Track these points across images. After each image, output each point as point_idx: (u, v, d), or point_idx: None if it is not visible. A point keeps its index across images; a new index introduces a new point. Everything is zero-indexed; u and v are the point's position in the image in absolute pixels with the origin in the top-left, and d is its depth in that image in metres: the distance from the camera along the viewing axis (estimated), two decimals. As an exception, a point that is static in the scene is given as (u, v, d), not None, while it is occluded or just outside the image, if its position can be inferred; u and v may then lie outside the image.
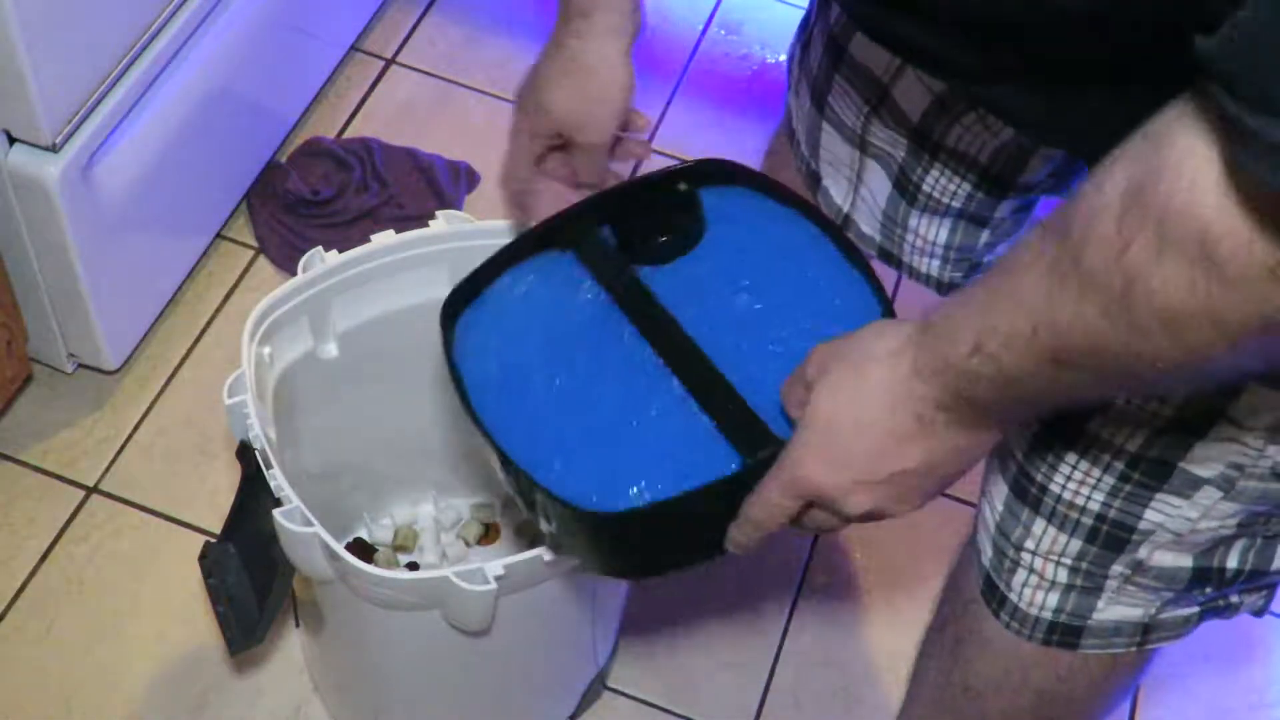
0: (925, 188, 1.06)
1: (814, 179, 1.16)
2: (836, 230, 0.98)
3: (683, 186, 1.02)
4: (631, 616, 1.46)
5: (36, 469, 1.49)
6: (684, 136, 1.88)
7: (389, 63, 1.90)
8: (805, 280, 0.96)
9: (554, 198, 1.05)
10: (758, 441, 0.86)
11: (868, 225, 1.14)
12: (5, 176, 1.31)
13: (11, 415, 1.52)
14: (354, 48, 1.89)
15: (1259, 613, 0.99)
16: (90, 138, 1.32)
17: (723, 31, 2.02)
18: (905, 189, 1.08)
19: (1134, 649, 0.98)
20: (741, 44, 2.02)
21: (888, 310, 0.93)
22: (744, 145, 1.86)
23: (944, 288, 1.15)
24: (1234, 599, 0.96)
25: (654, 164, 1.05)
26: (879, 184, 1.10)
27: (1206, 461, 0.84)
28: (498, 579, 1.00)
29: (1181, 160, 0.58)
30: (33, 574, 1.43)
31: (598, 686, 1.39)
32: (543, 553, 1.01)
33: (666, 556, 0.96)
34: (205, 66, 1.48)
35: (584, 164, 1.06)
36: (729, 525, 0.86)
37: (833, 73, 1.07)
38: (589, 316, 0.98)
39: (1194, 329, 0.61)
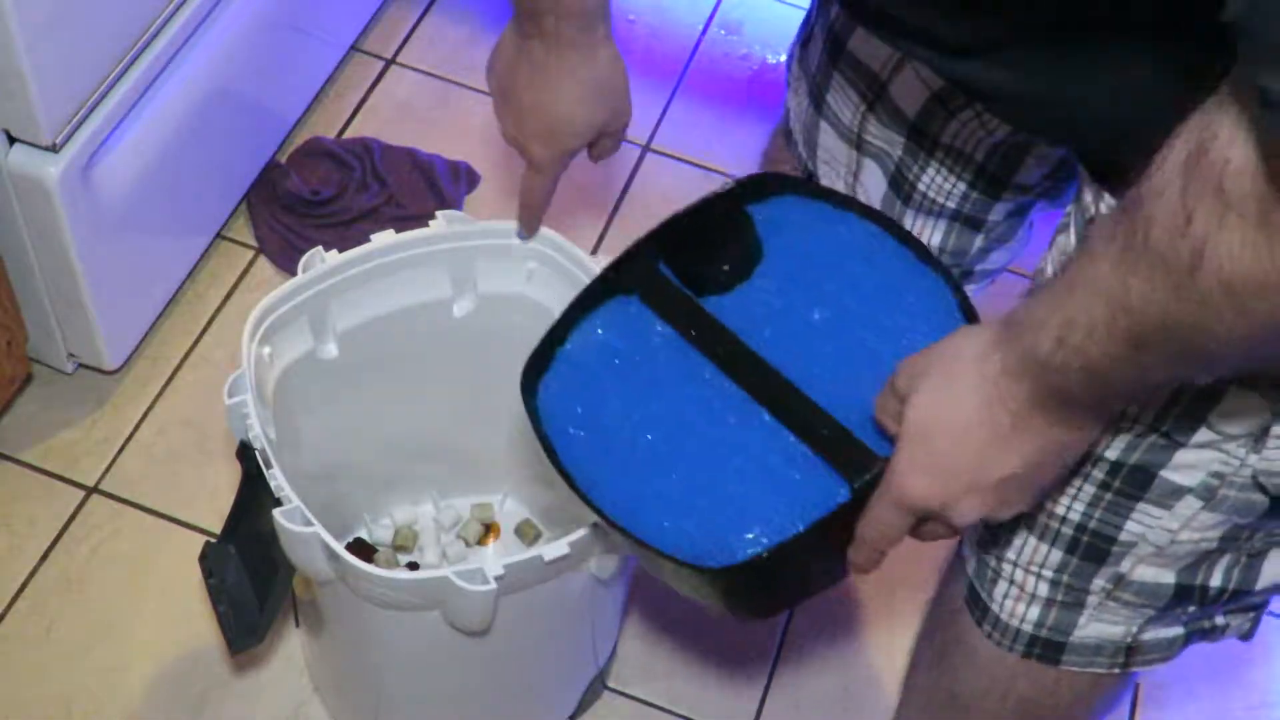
0: (921, 187, 1.06)
1: (811, 179, 1.16)
2: (893, 224, 0.96)
3: (729, 209, 1.01)
4: (631, 616, 1.46)
5: (36, 469, 1.49)
6: (684, 136, 1.88)
7: (389, 63, 1.90)
8: (873, 281, 0.95)
9: None
10: (861, 463, 0.85)
11: None
12: (5, 176, 1.31)
13: (11, 415, 1.52)
14: (354, 48, 1.89)
15: (1245, 636, 0.97)
16: (90, 138, 1.32)
17: (723, 31, 2.02)
18: (901, 188, 1.08)
19: (1118, 671, 0.96)
20: (741, 44, 2.02)
21: (962, 297, 0.92)
22: (744, 145, 1.86)
23: None
24: (1219, 620, 0.95)
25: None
26: (875, 184, 1.10)
27: (1188, 469, 0.83)
28: (497, 579, 1.00)
29: (1235, 126, 0.59)
30: (33, 574, 1.43)
31: (598, 686, 1.39)
32: (543, 553, 1.01)
33: (793, 592, 0.95)
34: (205, 66, 1.48)
35: (607, 150, 1.11)
36: (849, 549, 0.85)
37: (831, 70, 1.07)
38: (665, 361, 0.96)
39: (1260, 299, 0.61)
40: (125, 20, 1.33)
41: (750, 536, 0.86)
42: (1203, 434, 0.81)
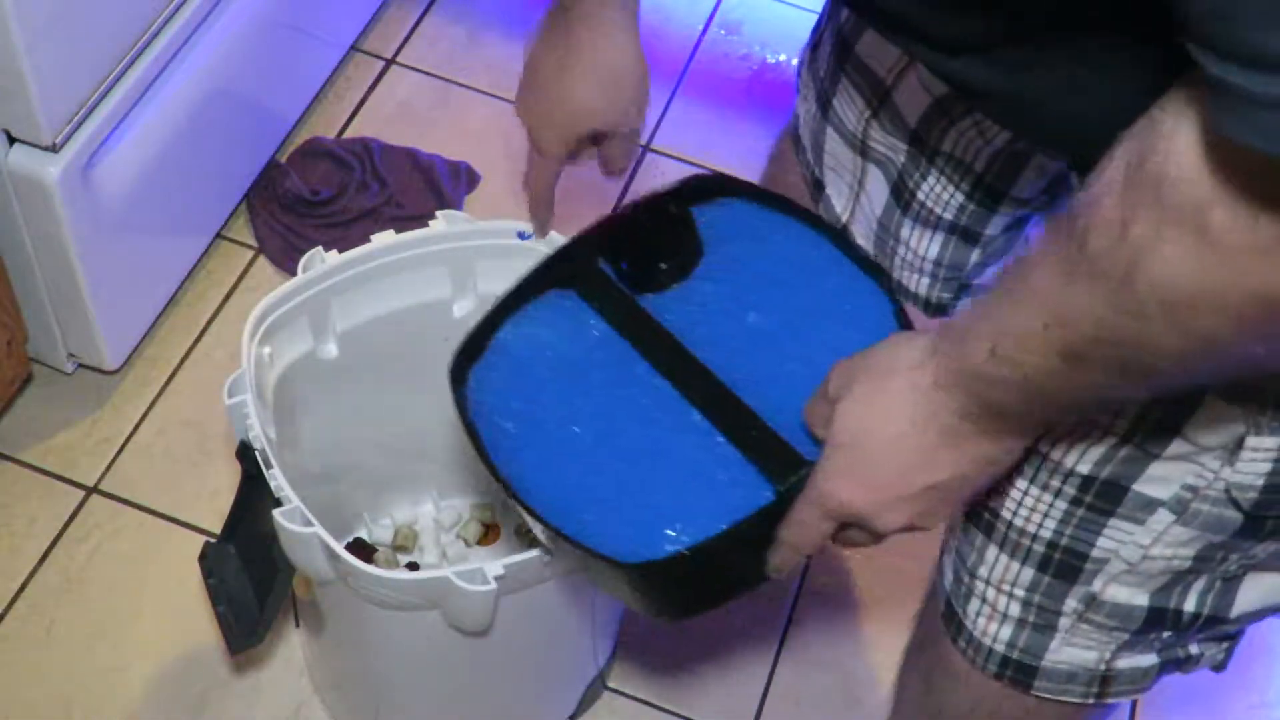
0: (920, 195, 1.06)
1: (818, 186, 1.15)
2: (836, 232, 0.98)
3: (672, 208, 1.01)
4: (632, 616, 1.46)
5: (36, 469, 1.49)
6: (684, 136, 1.88)
7: (389, 63, 1.90)
8: (813, 288, 0.95)
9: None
10: (787, 467, 0.85)
11: (862, 237, 1.13)
12: (5, 176, 1.31)
13: (11, 415, 1.52)
14: (354, 48, 1.89)
15: (1219, 668, 0.96)
16: (90, 138, 1.32)
17: (723, 31, 2.02)
18: (901, 195, 1.07)
19: (1092, 701, 0.94)
20: (741, 44, 2.02)
21: (899, 308, 0.93)
22: (744, 145, 1.86)
23: (931, 308, 1.13)
24: (1193, 650, 0.93)
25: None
26: (878, 191, 1.09)
27: (1160, 482, 0.82)
28: (497, 579, 1.00)
29: (1175, 131, 0.58)
30: (33, 574, 1.43)
31: (598, 686, 1.39)
32: (542, 553, 1.01)
33: (711, 593, 0.93)
34: (205, 66, 1.48)
35: (619, 153, 1.08)
36: (768, 552, 0.85)
37: (839, 74, 1.06)
38: (599, 356, 0.96)
39: (1196, 312, 0.60)
40: (125, 20, 1.33)
41: (672, 534, 0.86)
42: (1177, 445, 0.80)
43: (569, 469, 0.92)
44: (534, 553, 1.02)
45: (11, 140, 1.29)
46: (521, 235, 1.17)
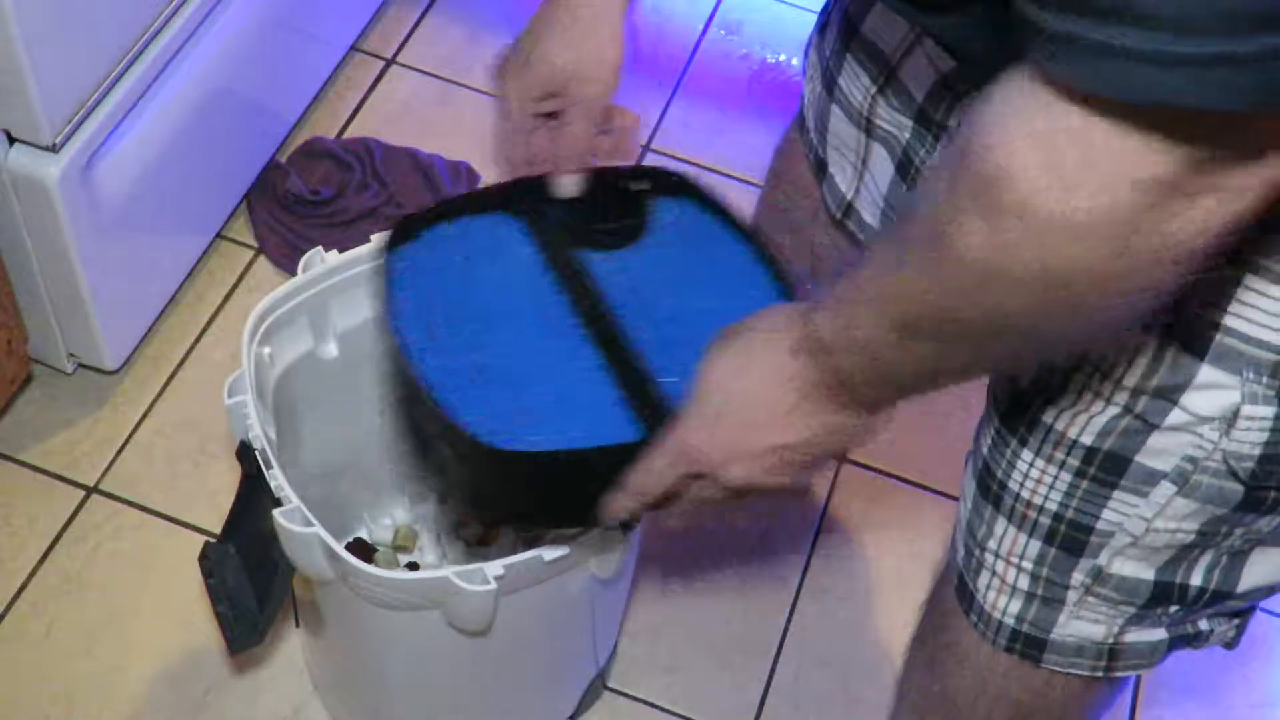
0: (926, 172, 1.06)
1: (820, 168, 1.16)
2: (772, 256, 1.04)
3: (645, 186, 1.07)
4: (631, 616, 1.46)
5: (36, 469, 1.49)
6: (684, 136, 1.89)
7: (389, 63, 1.90)
8: (730, 296, 1.02)
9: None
10: (660, 419, 0.89)
11: (869, 214, 1.14)
12: (5, 176, 1.31)
13: (11, 415, 1.52)
14: (354, 48, 1.89)
15: (1230, 645, 0.97)
16: (90, 138, 1.32)
17: (723, 31, 2.02)
18: (907, 172, 1.08)
19: (1100, 675, 0.96)
20: (741, 44, 2.02)
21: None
22: (744, 145, 1.86)
23: None
24: (1203, 626, 0.94)
25: (655, 162, 1.06)
26: (882, 169, 1.10)
27: (1162, 454, 0.83)
28: (497, 579, 1.00)
29: (994, 106, 0.60)
30: (33, 574, 1.43)
31: (598, 686, 1.39)
32: (543, 553, 1.01)
33: (543, 509, 1.00)
34: (205, 66, 1.48)
35: (578, 129, 1.02)
36: (608, 494, 0.90)
37: (844, 53, 1.07)
38: (525, 277, 1.03)
39: (991, 286, 0.63)
40: (125, 20, 1.33)
41: (535, 438, 0.92)
42: (1175, 416, 0.81)
43: (464, 353, 0.98)
44: (534, 553, 1.02)
45: (11, 140, 1.29)
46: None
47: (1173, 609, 0.92)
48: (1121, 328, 0.67)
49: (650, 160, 1.85)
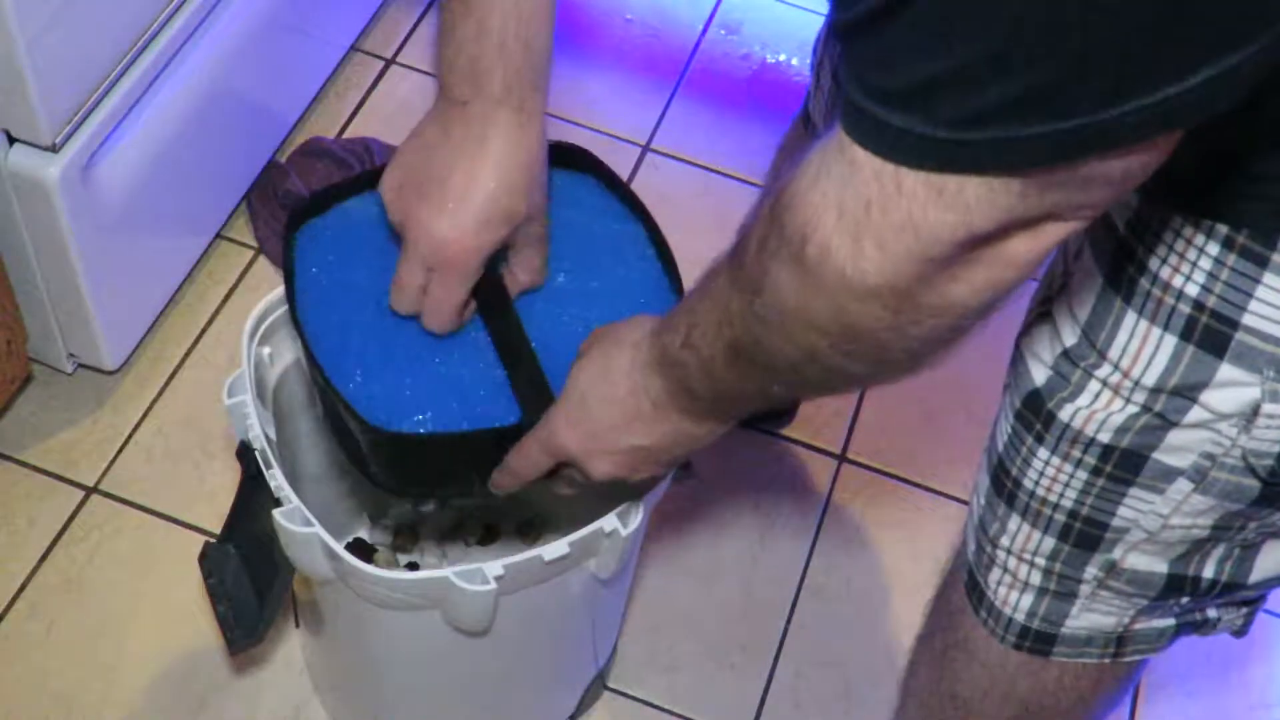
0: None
1: None
2: (656, 229, 1.09)
3: None
4: (631, 616, 1.46)
5: (36, 469, 1.49)
6: (684, 136, 1.89)
7: (389, 63, 1.90)
8: (620, 275, 1.08)
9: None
10: (540, 404, 0.96)
11: None
12: (5, 176, 1.31)
13: (11, 415, 1.52)
14: (354, 48, 1.89)
15: (1238, 633, 0.97)
16: (90, 138, 1.32)
17: (723, 31, 2.02)
18: None
19: (1109, 660, 0.97)
20: (741, 44, 2.02)
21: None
22: (744, 145, 1.86)
23: None
24: (1211, 614, 0.95)
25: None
26: None
27: (1180, 451, 0.83)
28: (497, 579, 1.00)
29: (811, 160, 0.64)
30: (33, 574, 1.43)
31: (598, 686, 1.39)
32: (543, 553, 1.02)
33: (430, 480, 1.07)
34: (205, 66, 1.48)
35: (534, 260, 1.01)
36: (494, 471, 0.98)
37: None
38: None
39: (797, 328, 0.69)
40: (125, 21, 1.33)
41: (419, 419, 0.98)
42: (1195, 413, 0.81)
43: (359, 333, 1.02)
44: (534, 552, 1.02)
45: (11, 140, 1.29)
46: None
47: (1184, 600, 0.92)
48: (935, 359, 0.72)
49: (651, 159, 1.85)
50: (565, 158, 1.08)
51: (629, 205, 1.11)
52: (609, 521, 1.03)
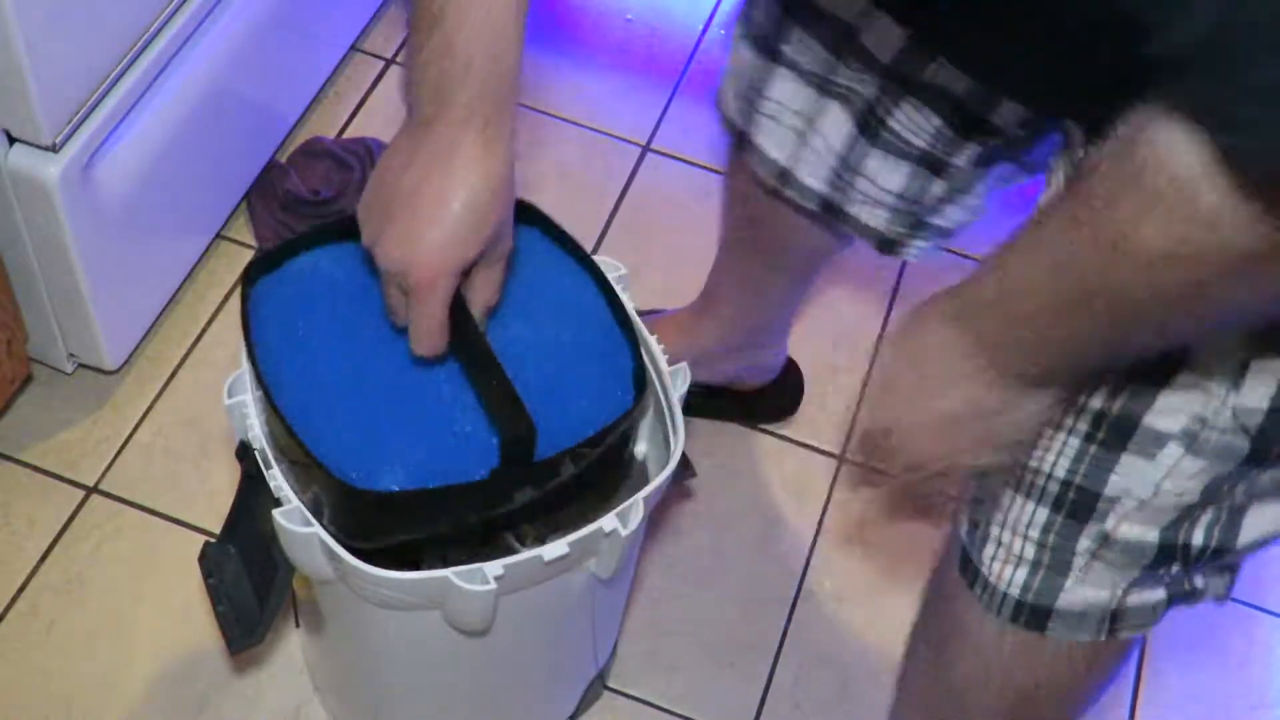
0: (892, 123, 1.09)
1: (742, 141, 1.17)
2: (606, 283, 1.09)
3: None
4: (631, 616, 1.46)
5: (36, 469, 1.49)
6: (684, 136, 1.89)
7: (389, 63, 1.90)
8: (572, 327, 1.07)
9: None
10: (514, 417, 0.95)
11: (813, 177, 1.16)
12: (5, 176, 1.31)
13: (11, 415, 1.52)
14: (354, 48, 1.89)
15: (1221, 599, 0.98)
16: (90, 138, 1.32)
17: (723, 31, 2.02)
18: (869, 126, 1.09)
19: (1104, 638, 0.97)
20: (741, 44, 2.02)
21: (639, 365, 1.05)
22: (744, 145, 1.86)
23: (886, 244, 1.19)
24: (1199, 583, 0.96)
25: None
26: (837, 127, 1.11)
27: (1170, 414, 0.84)
28: (497, 579, 1.00)
29: (1160, 123, 0.64)
30: (33, 574, 1.43)
31: (598, 686, 1.39)
32: (543, 553, 1.01)
33: (403, 532, 1.02)
34: (205, 66, 1.48)
35: (492, 283, 0.98)
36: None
37: (788, 25, 1.09)
38: (378, 304, 1.02)
39: (1172, 281, 0.67)
40: (125, 20, 1.33)
41: (390, 475, 0.97)
42: (1184, 376, 0.82)
43: (327, 387, 1.01)
44: (534, 552, 1.02)
45: (11, 140, 1.29)
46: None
47: (1174, 568, 0.93)
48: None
49: (651, 159, 1.86)
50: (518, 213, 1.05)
51: (576, 257, 1.10)
52: (609, 521, 1.03)
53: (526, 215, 1.08)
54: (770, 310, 1.50)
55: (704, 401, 1.56)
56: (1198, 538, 0.90)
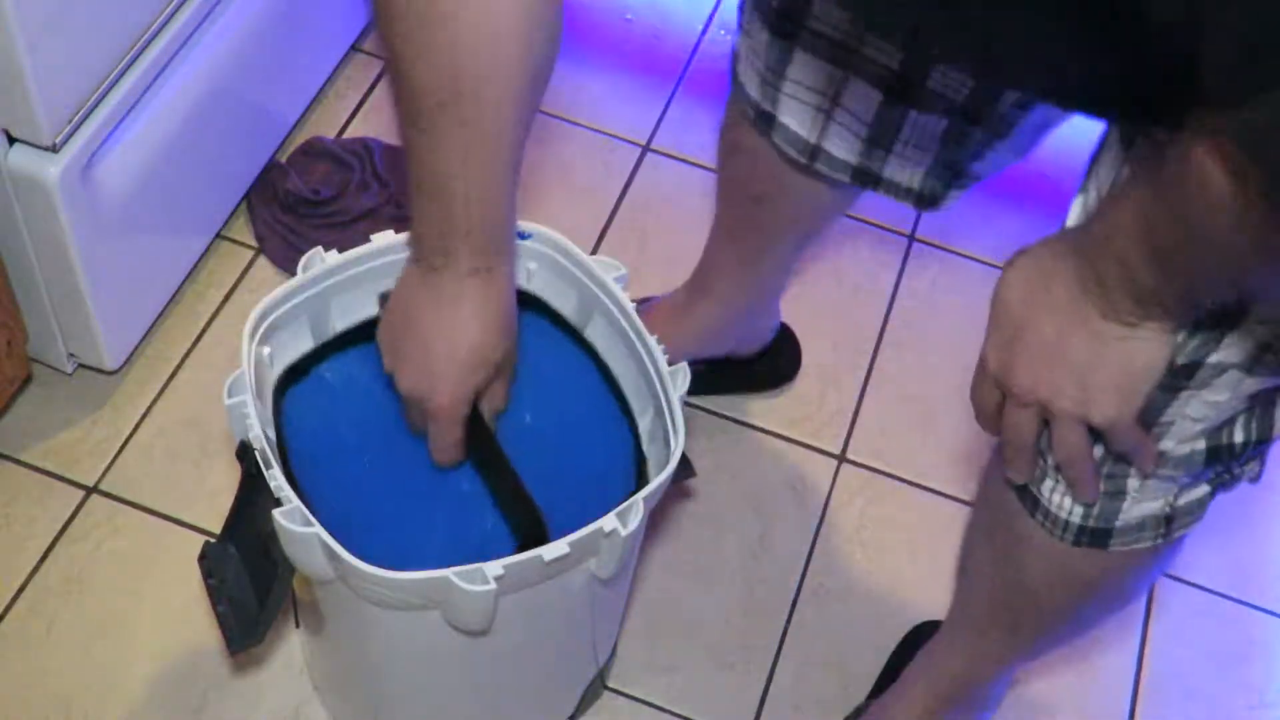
0: (929, 84, 1.09)
1: (767, 120, 1.17)
2: (606, 366, 1.15)
3: None
4: (631, 616, 1.46)
5: (36, 469, 1.49)
6: (684, 136, 1.89)
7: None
8: (578, 409, 1.15)
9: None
10: (528, 515, 1.04)
11: (844, 149, 1.16)
12: (5, 176, 1.31)
13: (11, 415, 1.52)
14: (354, 48, 1.89)
15: (1255, 479, 1.00)
16: (90, 138, 1.32)
17: (723, 32, 2.02)
18: (901, 91, 1.10)
19: (1160, 542, 1.01)
20: (741, 44, 2.01)
21: (637, 440, 1.13)
22: (744, 145, 1.86)
23: (924, 201, 1.20)
24: (1235, 470, 0.98)
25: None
26: (864, 97, 1.11)
27: (1232, 348, 0.85)
28: (497, 579, 1.00)
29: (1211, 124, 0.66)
30: (33, 574, 1.43)
31: (598, 686, 1.39)
32: (543, 552, 1.02)
33: None
34: (205, 66, 1.48)
35: (498, 402, 1.12)
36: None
37: (806, 6, 1.09)
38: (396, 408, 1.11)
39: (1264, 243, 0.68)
40: (125, 20, 1.33)
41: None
42: (1248, 322, 0.84)
43: (355, 493, 1.08)
44: (534, 552, 1.02)
45: (11, 140, 1.29)
46: (521, 235, 1.17)
47: (1218, 467, 0.96)
48: None
49: (651, 159, 1.85)
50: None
51: (572, 338, 1.17)
52: (609, 521, 1.03)
53: (523, 300, 1.14)
54: (766, 282, 1.52)
55: (706, 376, 1.57)
56: (1238, 436, 0.92)
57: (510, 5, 0.89)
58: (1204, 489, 0.99)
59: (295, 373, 1.12)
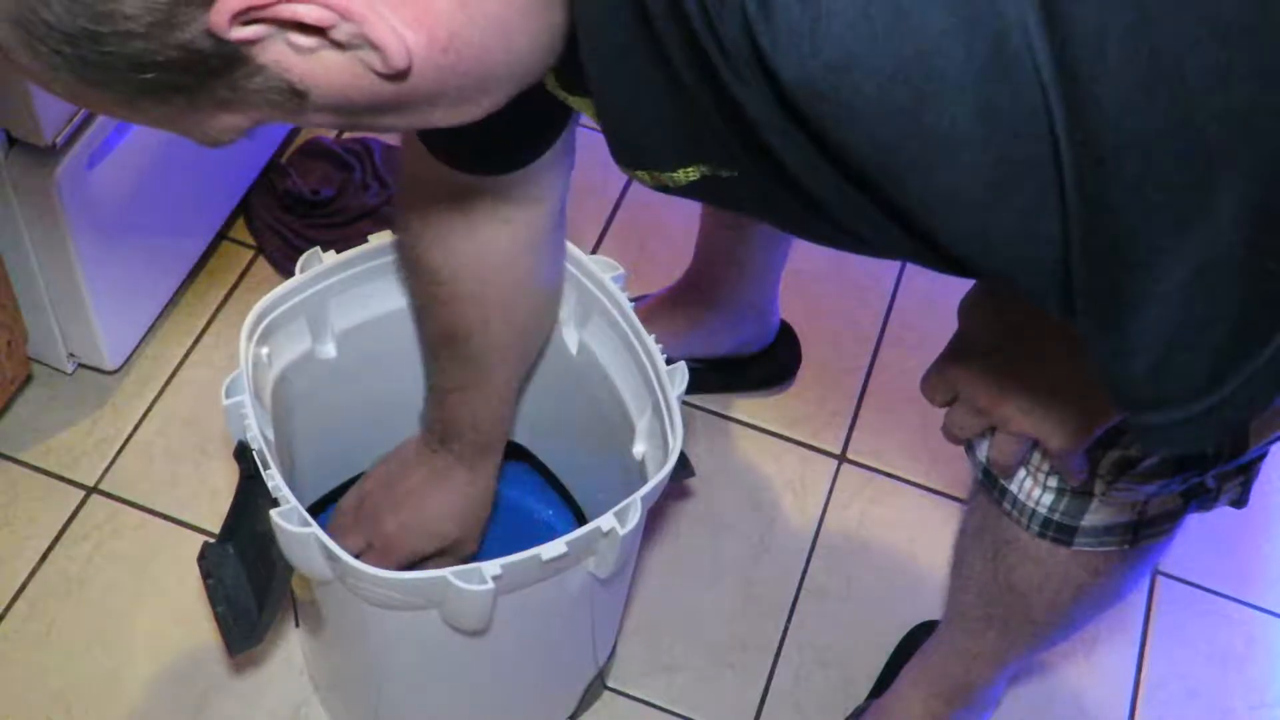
0: None
1: None
2: (582, 515, 1.28)
3: None
4: (631, 616, 1.46)
5: (36, 469, 1.49)
6: (684, 136, 1.88)
7: (389, 63, 1.90)
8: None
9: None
10: None
11: None
12: (5, 176, 1.31)
13: (11, 415, 1.52)
14: (354, 48, 1.89)
15: (1238, 503, 1.00)
16: (90, 138, 1.32)
17: (723, 31, 2.02)
18: None
19: (1127, 548, 1.01)
20: (742, 44, 2.01)
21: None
22: (744, 145, 1.86)
23: None
24: (1210, 484, 0.98)
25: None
26: None
27: None
28: (495, 579, 1.00)
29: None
30: (33, 574, 1.43)
31: (598, 686, 1.39)
32: (541, 552, 1.02)
33: None
34: (205, 67, 1.48)
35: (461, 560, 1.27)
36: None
37: None
38: None
39: None
40: (125, 20, 1.33)
41: None
42: None
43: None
44: (532, 552, 1.02)
45: (11, 140, 1.29)
46: None
47: (1190, 476, 0.95)
48: None
49: (650, 160, 1.85)
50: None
51: (556, 489, 1.32)
52: (607, 520, 1.03)
53: (517, 453, 1.31)
54: (763, 277, 1.52)
55: (706, 375, 1.57)
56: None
57: (505, 275, 1.09)
58: (1176, 501, 0.99)
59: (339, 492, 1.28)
